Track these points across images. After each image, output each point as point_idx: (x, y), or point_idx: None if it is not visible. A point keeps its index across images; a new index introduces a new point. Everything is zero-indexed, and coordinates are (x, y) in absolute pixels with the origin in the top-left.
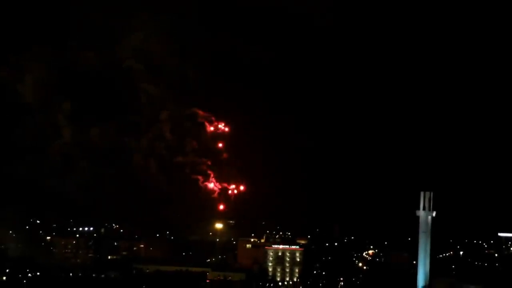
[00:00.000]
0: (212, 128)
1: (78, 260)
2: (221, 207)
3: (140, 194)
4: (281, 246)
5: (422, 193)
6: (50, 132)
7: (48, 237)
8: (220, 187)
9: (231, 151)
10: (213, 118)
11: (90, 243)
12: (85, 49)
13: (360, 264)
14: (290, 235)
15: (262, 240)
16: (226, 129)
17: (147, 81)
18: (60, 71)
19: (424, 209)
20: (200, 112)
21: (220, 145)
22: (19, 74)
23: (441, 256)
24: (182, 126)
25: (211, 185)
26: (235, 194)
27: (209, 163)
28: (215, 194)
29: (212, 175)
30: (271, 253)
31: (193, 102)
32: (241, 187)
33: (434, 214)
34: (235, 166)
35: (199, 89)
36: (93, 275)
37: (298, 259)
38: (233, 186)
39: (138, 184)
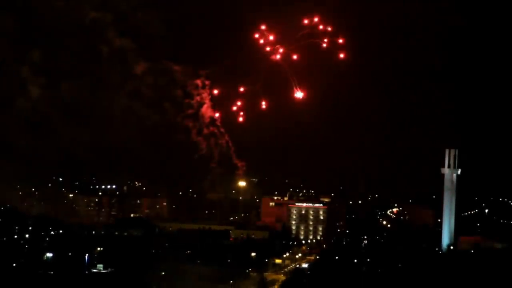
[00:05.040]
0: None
1: (101, 218)
2: None
3: (163, 152)
4: (304, 204)
5: (447, 151)
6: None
7: (70, 195)
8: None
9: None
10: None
11: (113, 201)
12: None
13: (384, 222)
14: (313, 193)
15: (286, 198)
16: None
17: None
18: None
19: (449, 166)
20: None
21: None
22: None
23: (466, 214)
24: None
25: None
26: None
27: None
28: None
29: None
30: (295, 211)
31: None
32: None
33: (459, 171)
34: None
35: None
36: (116, 233)
37: (321, 217)
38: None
39: (160, 141)
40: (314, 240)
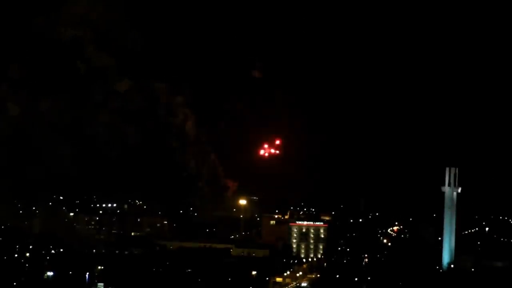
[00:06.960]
0: None
1: (101, 237)
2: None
3: (163, 170)
4: (305, 223)
5: (447, 169)
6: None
7: (71, 214)
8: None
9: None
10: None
11: (113, 219)
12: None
13: (385, 241)
14: (314, 211)
15: (286, 217)
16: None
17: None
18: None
19: (449, 185)
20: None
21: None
22: None
23: (466, 232)
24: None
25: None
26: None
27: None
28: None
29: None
30: (295, 230)
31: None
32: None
33: (459, 190)
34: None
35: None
36: (116, 251)
37: (322, 236)
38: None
39: (161, 160)
40: (314, 259)
